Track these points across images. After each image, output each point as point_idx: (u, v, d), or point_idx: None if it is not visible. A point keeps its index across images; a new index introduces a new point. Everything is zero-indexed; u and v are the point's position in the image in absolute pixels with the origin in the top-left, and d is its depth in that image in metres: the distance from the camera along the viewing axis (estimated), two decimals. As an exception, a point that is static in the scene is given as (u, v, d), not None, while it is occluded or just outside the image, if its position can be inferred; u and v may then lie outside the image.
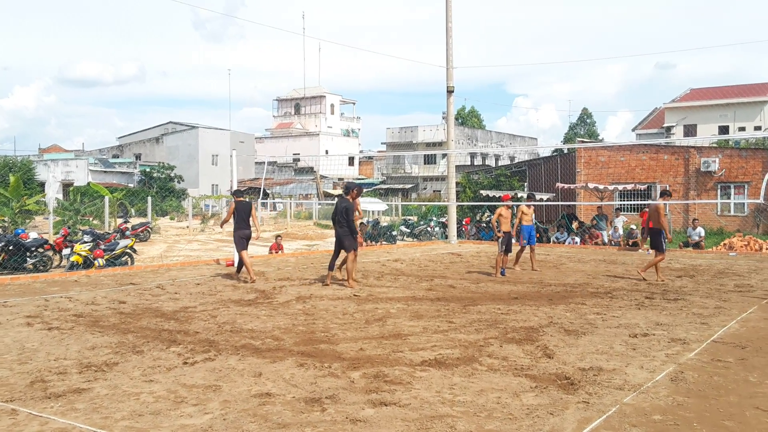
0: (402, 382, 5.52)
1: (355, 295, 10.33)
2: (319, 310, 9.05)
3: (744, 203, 26.34)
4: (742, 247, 20.02)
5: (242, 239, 12.35)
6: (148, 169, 55.25)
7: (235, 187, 15.39)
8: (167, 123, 72.70)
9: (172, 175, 54.68)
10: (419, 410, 4.84)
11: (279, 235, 20.97)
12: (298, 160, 72.43)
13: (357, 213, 11.83)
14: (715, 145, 29.82)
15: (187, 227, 34.63)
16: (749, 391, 5.37)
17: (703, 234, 21.14)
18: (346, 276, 11.52)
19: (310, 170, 66.95)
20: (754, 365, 6.19)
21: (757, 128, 44.22)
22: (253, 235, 12.52)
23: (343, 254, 11.65)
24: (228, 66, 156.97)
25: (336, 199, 12.35)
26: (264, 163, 34.87)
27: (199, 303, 9.62)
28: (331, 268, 11.74)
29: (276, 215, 46.79)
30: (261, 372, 5.83)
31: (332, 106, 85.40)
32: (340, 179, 67.07)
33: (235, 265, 14.37)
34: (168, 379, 5.67)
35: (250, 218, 12.44)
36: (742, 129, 45.93)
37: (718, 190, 27.23)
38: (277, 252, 18.89)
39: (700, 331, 7.70)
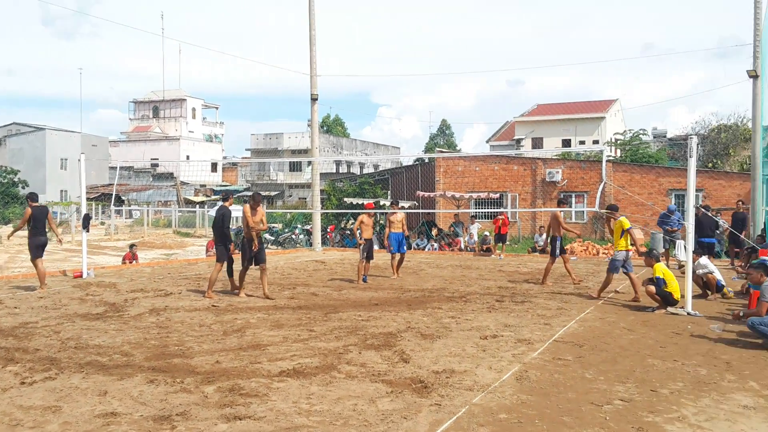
0: (258, 394, 5.45)
1: (213, 306, 10.06)
2: (174, 322, 8.72)
3: (583, 211, 28.53)
4: (582, 251, 21.66)
5: (38, 247, 11.81)
6: (-13, 174, 50.66)
7: (84, 194, 14.49)
8: (11, 124, 67.18)
9: (16, 179, 50.54)
10: (275, 422, 4.79)
11: (134, 245, 19.97)
12: (157, 165, 69.43)
13: (262, 224, 11.27)
14: (558, 157, 32.07)
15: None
16: (585, 387, 5.81)
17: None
18: (207, 285, 11.16)
19: (170, 176, 64.39)
20: (590, 362, 6.70)
21: (596, 142, 48.08)
22: (55, 239, 12.05)
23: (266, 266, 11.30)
24: (80, 65, 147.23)
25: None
26: (118, 168, 33.03)
27: (41, 318, 8.95)
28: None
29: (132, 223, 44.57)
30: (107, 390, 5.53)
31: (194, 110, 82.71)
32: (202, 186, 65.10)
33: (84, 275, 13.54)
34: (2, 401, 5.24)
35: (47, 224, 12.03)
36: (583, 142, 49.77)
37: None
38: (131, 262, 17.99)
39: (543, 331, 8.24)
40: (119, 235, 36.18)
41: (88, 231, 14.21)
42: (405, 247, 14.38)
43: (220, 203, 11.70)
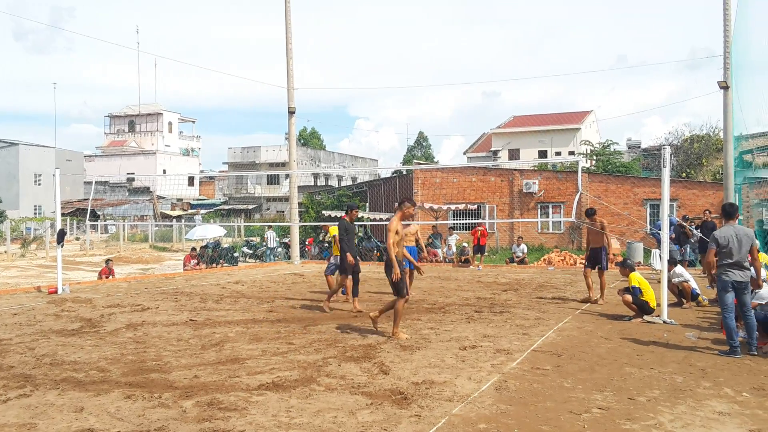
0: (237, 408, 5.41)
1: (191, 320, 9.98)
2: (151, 337, 8.63)
3: (560, 221, 28.79)
4: (559, 261, 21.84)
5: None
6: (-43, 189, 49.86)
7: (58, 209, 14.33)
8: (-18, 139, 66.15)
9: (-13, 195, 49.77)
10: (254, 435, 4.76)
11: (110, 259, 19.75)
12: (133, 179, 68.85)
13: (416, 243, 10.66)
14: (535, 168, 32.38)
15: (5, 252, 31.59)
16: (564, 396, 5.85)
17: (525, 250, 22.85)
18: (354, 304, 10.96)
19: (147, 190, 63.88)
20: (569, 371, 6.75)
21: (571, 153, 48.58)
22: None
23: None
24: (54, 79, 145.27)
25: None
26: (93, 183, 32.59)
27: (15, 335, 8.80)
28: (354, 294, 11.11)
29: (108, 238, 44.07)
30: (83, 406, 5.45)
31: (170, 124, 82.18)
32: (179, 200, 64.60)
33: (59, 291, 13.36)
34: (-26, 421, 5.13)
35: None
36: (559, 153, 50.29)
37: (538, 210, 29.57)
38: (107, 277, 17.78)
39: (522, 341, 8.29)
40: (95, 251, 35.74)
41: (62, 246, 14.04)
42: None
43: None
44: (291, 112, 22.86)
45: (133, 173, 69.20)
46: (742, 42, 15.45)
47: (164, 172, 70.18)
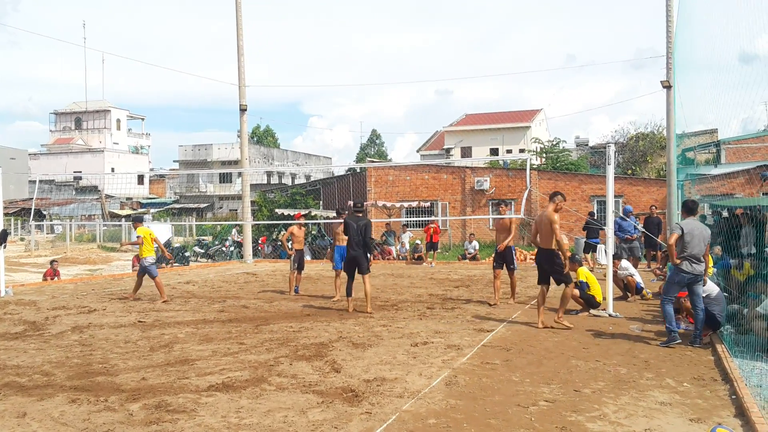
0: (186, 410, 5.35)
1: (140, 321, 9.80)
2: (98, 339, 8.45)
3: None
4: (512, 258, 22.10)
5: None
6: None
7: (0, 209, 13.84)
8: None
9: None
10: (203, 437, 4.72)
11: (55, 260, 19.20)
12: (80, 178, 67.06)
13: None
14: (487, 165, 32.78)
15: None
16: (512, 390, 5.96)
17: (477, 247, 23.11)
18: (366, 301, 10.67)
19: (94, 189, 62.32)
20: (517, 365, 6.88)
21: (522, 150, 49.32)
22: None
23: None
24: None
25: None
26: (37, 181, 31.64)
27: (-48, 340, 8.50)
28: (348, 293, 10.76)
29: (54, 238, 42.82)
30: (26, 412, 5.31)
31: (118, 121, 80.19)
32: (128, 199, 63.20)
33: (1, 294, 12.94)
34: None
35: None
36: (510, 151, 51.00)
37: (490, 207, 29.93)
38: (52, 278, 17.29)
39: (472, 336, 8.41)
40: (40, 251, 34.71)
41: (5, 247, 13.61)
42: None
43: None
44: (243, 110, 22.62)
45: (80, 172, 67.34)
46: (684, 43, 15.93)
47: (113, 170, 68.49)
